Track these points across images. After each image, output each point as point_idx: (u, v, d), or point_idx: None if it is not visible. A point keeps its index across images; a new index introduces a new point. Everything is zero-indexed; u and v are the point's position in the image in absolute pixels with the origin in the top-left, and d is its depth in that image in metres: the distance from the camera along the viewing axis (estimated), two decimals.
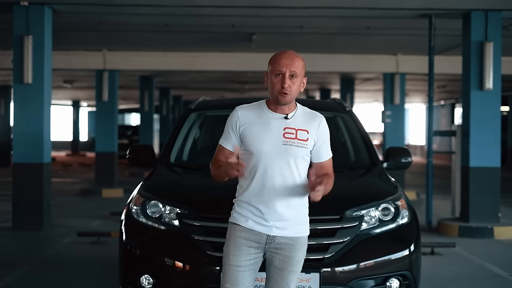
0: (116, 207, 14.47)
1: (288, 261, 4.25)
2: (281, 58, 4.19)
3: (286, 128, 4.23)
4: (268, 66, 4.26)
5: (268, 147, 4.20)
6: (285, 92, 4.16)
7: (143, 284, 5.34)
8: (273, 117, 4.26)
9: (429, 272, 8.46)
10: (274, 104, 4.26)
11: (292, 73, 4.18)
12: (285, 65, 4.16)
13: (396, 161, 6.82)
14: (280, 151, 4.20)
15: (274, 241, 4.24)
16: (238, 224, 4.27)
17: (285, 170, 4.21)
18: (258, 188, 4.23)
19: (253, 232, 4.24)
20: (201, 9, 12.56)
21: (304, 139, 4.24)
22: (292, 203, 4.25)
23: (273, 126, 4.23)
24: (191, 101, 11.32)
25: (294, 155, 4.22)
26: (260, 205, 4.22)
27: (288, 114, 4.26)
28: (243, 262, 4.24)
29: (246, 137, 4.26)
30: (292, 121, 4.25)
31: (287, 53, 4.22)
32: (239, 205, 4.31)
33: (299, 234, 4.29)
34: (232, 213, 4.35)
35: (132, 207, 5.69)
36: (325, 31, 15.12)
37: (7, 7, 11.75)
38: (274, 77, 4.20)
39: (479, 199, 11.99)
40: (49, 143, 12.12)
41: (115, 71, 19.96)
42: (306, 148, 4.25)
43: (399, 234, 5.56)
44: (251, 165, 4.23)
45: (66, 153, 43.33)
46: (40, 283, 8.02)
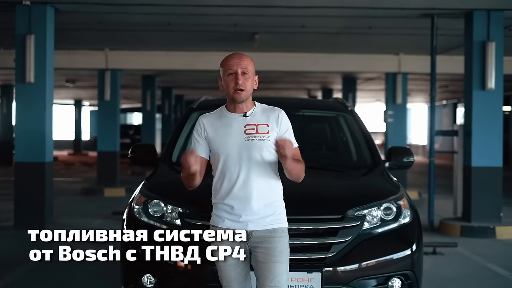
0: (118, 206, 14.47)
1: (270, 252, 4.31)
2: (230, 59, 4.38)
3: (247, 125, 4.37)
4: (220, 70, 4.42)
5: (232, 146, 4.34)
6: (240, 88, 4.32)
7: (144, 284, 5.35)
8: (233, 118, 4.41)
9: (431, 272, 8.46)
10: (232, 104, 4.42)
11: (243, 70, 4.35)
12: (235, 64, 4.34)
13: (398, 161, 6.81)
14: (244, 148, 4.32)
15: (253, 236, 4.32)
16: (216, 226, 4.40)
17: (252, 165, 4.33)
18: (229, 186, 4.35)
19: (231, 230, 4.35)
20: (203, 9, 12.56)
21: (265, 132, 4.35)
22: (263, 196, 4.34)
23: (234, 126, 4.38)
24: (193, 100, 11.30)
25: (258, 148, 4.32)
26: (233, 202, 4.33)
27: (247, 112, 4.41)
28: (230, 260, 4.34)
29: (212, 141, 4.41)
30: (251, 118, 4.40)
31: (235, 54, 4.41)
32: (215, 206, 4.45)
33: (275, 225, 4.36)
34: (211, 215, 4.48)
35: (134, 206, 5.69)
36: (327, 31, 15.11)
37: (9, 6, 11.76)
38: (227, 77, 4.36)
39: (481, 199, 11.98)
40: (51, 142, 12.13)
41: (117, 70, 19.95)
42: (269, 140, 4.35)
43: (401, 234, 5.55)
44: (220, 166, 4.39)
45: (68, 152, 43.35)
46: (41, 283, 8.03)
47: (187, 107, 7.52)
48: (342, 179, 6.23)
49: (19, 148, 11.93)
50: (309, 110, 7.61)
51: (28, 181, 11.83)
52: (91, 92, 34.22)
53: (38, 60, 11.70)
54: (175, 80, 27.84)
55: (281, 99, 11.24)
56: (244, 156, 4.33)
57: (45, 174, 11.84)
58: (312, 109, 7.71)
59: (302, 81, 28.58)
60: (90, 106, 50.21)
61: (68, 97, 41.45)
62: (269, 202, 4.36)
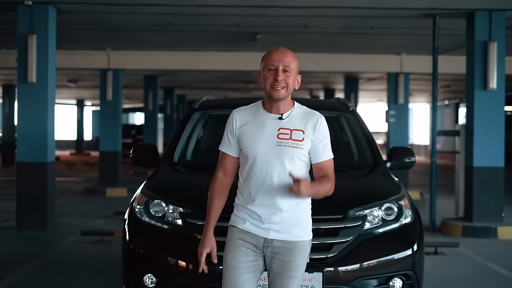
0: (120, 206, 14.48)
1: (286, 266, 4.09)
2: (273, 53, 4.10)
3: (281, 129, 4.08)
4: (261, 64, 4.16)
5: (261, 148, 4.07)
6: (279, 85, 4.04)
7: (146, 284, 5.35)
8: (267, 118, 4.14)
9: (432, 272, 8.46)
10: (269, 103, 4.15)
11: (285, 67, 4.07)
12: (277, 60, 4.07)
13: (399, 161, 6.81)
14: (274, 153, 4.06)
15: (272, 245, 4.11)
16: (236, 226, 4.18)
17: (280, 172, 4.06)
18: (254, 191, 4.11)
19: (250, 234, 4.13)
20: (205, 9, 12.57)
21: (299, 139, 4.08)
22: (289, 206, 4.09)
23: (267, 127, 4.10)
24: (195, 100, 11.32)
25: (288, 156, 4.07)
26: (257, 208, 4.11)
27: (283, 114, 4.12)
28: (241, 263, 4.12)
29: (242, 139, 4.15)
30: (287, 121, 4.11)
31: (279, 49, 4.13)
32: (237, 208, 4.23)
33: (298, 238, 4.13)
34: (231, 215, 4.28)
35: (136, 206, 5.70)
36: (330, 31, 15.12)
37: (11, 6, 11.76)
38: (267, 72, 4.09)
39: (482, 199, 11.98)
40: (53, 142, 12.14)
41: (119, 70, 19.96)
42: (302, 148, 4.09)
43: (402, 234, 5.56)
44: (247, 168, 4.14)
45: (70, 152, 43.40)
46: (43, 282, 8.03)
47: (189, 107, 7.53)
48: (343, 179, 6.19)
49: (21, 148, 11.94)
50: None
51: (30, 181, 11.84)
52: (93, 92, 34.25)
53: (40, 60, 11.70)
54: (177, 80, 27.84)
55: None
56: (273, 161, 4.06)
57: (47, 174, 11.84)
58: (314, 109, 7.70)
59: (304, 81, 28.54)
60: (92, 106, 50.24)
61: (70, 97, 41.47)
62: (295, 213, 4.12)
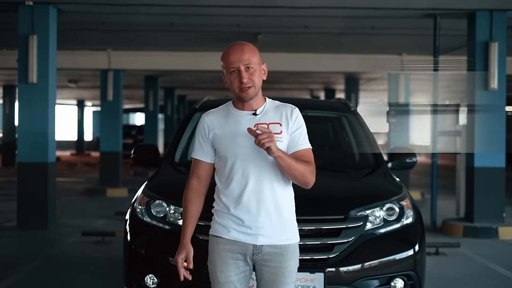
0: (121, 206, 14.48)
1: (279, 272, 3.87)
2: (231, 54, 3.88)
3: (257, 125, 3.85)
4: (221, 65, 3.95)
5: (241, 148, 3.86)
6: (246, 86, 3.85)
7: (147, 284, 5.35)
8: (241, 116, 3.93)
9: (433, 272, 8.46)
10: (240, 102, 3.95)
11: (247, 65, 3.86)
12: (236, 60, 3.85)
13: (400, 161, 6.81)
14: (255, 150, 3.82)
15: (262, 251, 3.86)
16: (220, 237, 3.92)
17: (263, 170, 3.86)
18: (237, 195, 3.87)
19: (237, 243, 3.88)
20: (206, 9, 12.57)
21: (277, 132, 3.87)
22: (275, 206, 3.87)
23: (243, 125, 3.88)
24: (195, 100, 11.29)
25: None
26: (241, 212, 3.86)
27: (257, 110, 3.94)
28: (232, 277, 3.90)
29: (217, 143, 3.93)
30: (262, 117, 3.92)
31: (235, 47, 3.90)
32: (218, 215, 3.96)
33: (288, 241, 3.91)
34: (212, 224, 4.02)
35: (137, 206, 5.69)
36: (330, 31, 15.12)
37: (12, 6, 11.77)
38: (230, 75, 3.88)
39: (483, 199, 11.98)
40: (54, 142, 12.14)
41: (120, 70, 19.96)
42: (282, 141, 3.88)
43: (404, 234, 5.56)
44: (227, 171, 3.90)
45: (71, 152, 43.40)
46: (44, 283, 8.03)
47: (190, 108, 7.53)
48: (344, 180, 6.23)
49: (21, 148, 11.94)
50: (312, 111, 7.61)
51: (31, 181, 11.84)
52: (93, 93, 34.25)
53: (40, 61, 11.70)
54: (177, 80, 27.84)
55: (284, 99, 11.22)
56: (255, 160, 3.85)
57: (48, 175, 11.84)
58: (315, 109, 7.72)
59: (305, 81, 28.58)
60: (92, 106, 50.26)
61: (71, 97, 41.48)
62: (283, 213, 3.90)
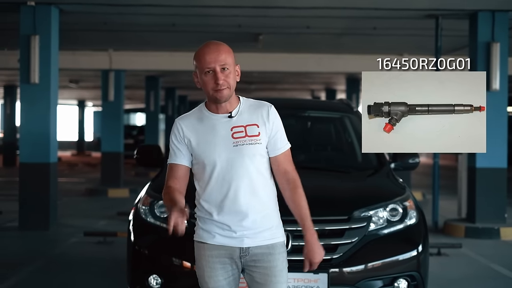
0: (122, 207, 14.49)
1: (269, 272, 3.78)
2: (206, 53, 3.74)
3: (234, 128, 3.76)
4: (194, 64, 3.81)
5: (219, 153, 3.74)
6: (221, 88, 3.72)
7: (151, 284, 5.35)
8: (216, 119, 3.79)
9: (435, 273, 8.45)
10: (214, 104, 3.80)
11: (223, 66, 3.73)
12: (212, 61, 3.71)
13: (403, 162, 6.79)
14: (234, 154, 3.73)
15: (249, 253, 3.78)
16: (205, 243, 3.81)
17: (243, 173, 3.74)
18: (219, 200, 3.76)
19: (223, 247, 3.78)
20: (207, 9, 12.57)
21: (255, 134, 3.77)
22: (258, 207, 3.77)
23: (219, 129, 3.76)
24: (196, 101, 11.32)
25: (249, 155, 3.76)
26: (226, 217, 3.76)
27: (232, 112, 3.80)
28: (222, 282, 3.81)
29: (194, 149, 3.80)
30: (238, 118, 3.79)
31: (211, 47, 3.78)
32: (201, 220, 3.85)
33: (274, 240, 3.82)
34: (196, 229, 3.90)
35: (140, 207, 5.70)
36: (332, 32, 15.12)
37: (14, 7, 11.78)
38: (205, 76, 3.74)
39: (485, 200, 11.97)
40: (56, 143, 12.14)
41: (121, 71, 19.98)
42: (261, 143, 3.78)
43: (407, 235, 5.56)
44: (206, 176, 3.78)
45: (72, 153, 43.41)
46: (46, 283, 8.03)
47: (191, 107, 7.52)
48: (347, 180, 6.23)
49: (23, 148, 11.94)
50: (315, 111, 7.63)
51: (32, 181, 11.84)
52: (94, 93, 34.27)
53: (42, 61, 11.71)
54: (178, 80, 27.85)
55: (286, 100, 11.25)
56: (235, 164, 3.74)
57: (49, 175, 11.85)
58: (317, 110, 7.73)
59: (306, 82, 28.60)
60: (93, 106, 50.28)
61: (72, 98, 41.50)
62: (266, 214, 3.81)
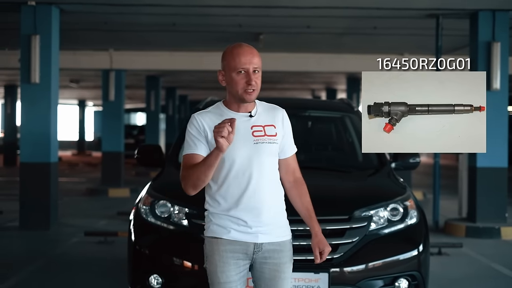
0: (123, 206, 14.49)
1: (279, 268, 3.92)
2: (241, 54, 3.85)
3: (254, 127, 3.90)
4: (223, 62, 3.91)
5: (240, 150, 3.85)
6: (252, 89, 3.84)
7: (152, 284, 5.36)
8: (237, 117, 3.81)
9: (436, 272, 8.45)
10: (236, 103, 3.91)
11: (255, 68, 3.87)
12: (247, 62, 3.84)
13: (404, 161, 6.80)
14: (253, 152, 3.86)
15: (262, 249, 3.88)
16: (220, 238, 3.86)
17: (261, 170, 3.88)
18: (237, 196, 3.86)
19: (238, 242, 3.86)
20: (208, 9, 12.57)
21: (273, 134, 3.93)
22: (272, 205, 3.91)
23: (239, 127, 3.81)
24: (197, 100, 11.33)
25: (267, 153, 3.90)
26: (242, 212, 3.84)
27: (252, 112, 3.93)
28: (233, 277, 3.87)
29: (212, 144, 3.81)
30: (257, 118, 3.93)
31: (245, 49, 3.89)
32: (215, 216, 3.90)
33: (284, 237, 3.97)
34: (207, 226, 3.93)
35: (141, 207, 5.70)
36: (332, 31, 15.12)
37: (14, 6, 11.78)
38: (236, 75, 3.83)
39: (486, 199, 11.98)
40: (56, 142, 12.15)
41: (121, 70, 19.98)
42: (277, 143, 3.95)
43: (408, 235, 5.57)
44: (224, 173, 3.86)
45: (72, 152, 43.42)
46: (47, 283, 8.03)
47: (193, 108, 7.52)
48: (348, 180, 6.24)
49: (24, 148, 11.94)
50: (315, 111, 7.62)
51: (33, 181, 11.85)
52: (95, 93, 34.26)
53: (43, 61, 11.71)
54: (179, 80, 27.86)
55: (287, 99, 11.23)
56: (255, 161, 3.85)
57: (50, 175, 11.85)
58: (318, 109, 7.73)
59: (307, 81, 28.60)
60: (94, 106, 50.28)
61: (72, 97, 41.50)
62: (278, 211, 3.96)
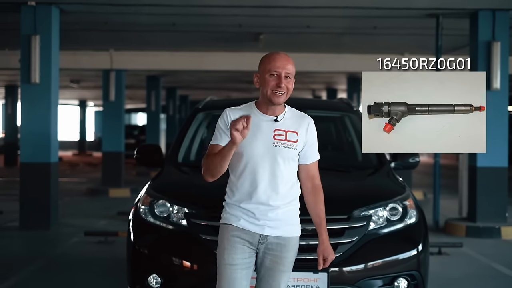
0: (123, 206, 14.49)
1: (279, 261, 4.22)
2: (277, 59, 4.17)
3: (276, 130, 4.19)
4: (260, 67, 4.24)
5: (258, 149, 4.16)
6: (281, 91, 4.13)
7: (151, 284, 5.35)
8: (263, 119, 4.21)
9: (436, 272, 8.45)
10: (265, 105, 4.22)
11: (287, 74, 4.15)
12: (281, 66, 4.15)
13: (403, 161, 6.80)
14: (270, 153, 4.16)
15: (267, 241, 4.19)
16: (230, 224, 4.21)
17: (274, 171, 4.17)
18: (250, 190, 4.18)
19: (245, 231, 4.18)
20: (208, 9, 12.57)
21: (293, 140, 4.20)
22: (282, 203, 4.20)
23: (263, 128, 4.18)
24: (197, 100, 11.33)
25: (284, 157, 4.18)
26: (253, 206, 4.17)
27: (278, 116, 4.21)
28: (238, 260, 4.17)
29: None
30: (281, 123, 4.21)
31: (282, 55, 4.21)
32: (229, 206, 4.26)
33: (290, 234, 4.25)
34: (222, 215, 4.29)
35: (140, 206, 5.70)
36: (332, 31, 15.12)
37: (14, 7, 11.78)
38: (269, 76, 4.16)
39: (486, 199, 11.97)
40: (56, 142, 12.15)
41: (122, 70, 19.98)
42: (296, 149, 4.21)
43: (407, 234, 5.56)
44: (241, 166, 4.20)
45: (73, 152, 43.42)
46: (47, 283, 8.03)
47: (193, 108, 7.53)
48: (348, 179, 6.24)
49: (24, 148, 11.95)
50: (315, 110, 7.60)
51: (33, 181, 11.85)
52: (95, 93, 34.26)
53: (43, 61, 11.71)
54: (179, 80, 27.86)
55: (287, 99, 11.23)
56: (270, 162, 4.16)
57: (50, 175, 11.86)
58: (317, 109, 7.71)
59: (307, 81, 28.58)
60: (94, 106, 50.28)
61: (73, 98, 41.51)
62: (288, 210, 4.23)
